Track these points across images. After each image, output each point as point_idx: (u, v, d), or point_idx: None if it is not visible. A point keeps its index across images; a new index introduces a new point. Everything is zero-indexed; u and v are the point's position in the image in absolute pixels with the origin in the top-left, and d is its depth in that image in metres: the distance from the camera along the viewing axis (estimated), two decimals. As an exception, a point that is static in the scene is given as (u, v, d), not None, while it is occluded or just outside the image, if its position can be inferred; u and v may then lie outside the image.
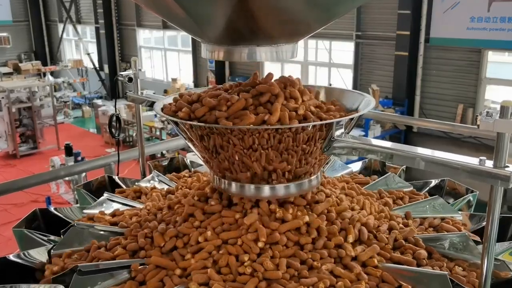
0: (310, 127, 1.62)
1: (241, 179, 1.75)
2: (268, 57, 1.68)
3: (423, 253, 1.73)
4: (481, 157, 1.42)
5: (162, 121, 13.13)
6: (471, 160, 1.45)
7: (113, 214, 2.15)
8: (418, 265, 1.69)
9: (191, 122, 1.68)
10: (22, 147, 13.32)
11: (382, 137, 9.84)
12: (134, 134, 12.74)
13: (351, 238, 1.73)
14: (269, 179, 1.72)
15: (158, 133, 13.31)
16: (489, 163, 1.41)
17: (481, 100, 9.44)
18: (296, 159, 1.68)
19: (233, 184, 1.78)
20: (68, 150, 10.13)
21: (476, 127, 1.44)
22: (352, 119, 1.75)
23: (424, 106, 10.34)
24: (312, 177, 1.83)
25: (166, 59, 17.37)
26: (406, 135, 10.40)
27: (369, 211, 1.96)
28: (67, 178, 9.34)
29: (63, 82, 18.79)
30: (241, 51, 1.69)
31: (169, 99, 1.97)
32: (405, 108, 10.26)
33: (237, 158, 1.67)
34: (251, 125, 1.60)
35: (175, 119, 1.74)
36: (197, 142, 1.77)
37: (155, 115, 13.61)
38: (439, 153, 1.52)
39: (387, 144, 1.63)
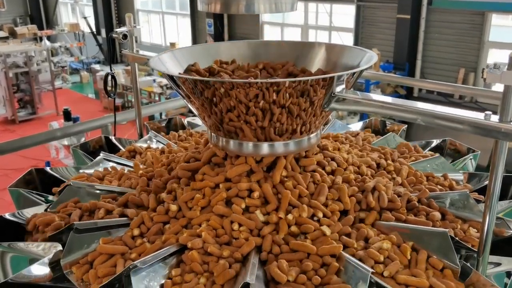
0: (309, 82, 1.57)
1: (239, 136, 1.71)
2: (266, 8, 1.61)
3: (437, 215, 1.71)
4: (486, 112, 1.38)
5: (161, 86, 13.01)
6: (476, 115, 1.40)
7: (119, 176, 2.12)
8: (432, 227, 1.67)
9: (185, 76, 1.63)
10: (21, 113, 13.25)
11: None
12: (133, 99, 12.61)
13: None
14: (268, 136, 1.68)
15: (157, 98, 13.20)
16: (494, 118, 1.37)
17: (483, 64, 9.30)
18: (296, 115, 1.63)
19: (231, 142, 1.74)
20: (67, 115, 10.06)
21: (477, 88, 1.39)
22: (353, 74, 1.69)
23: (425, 70, 10.21)
24: (312, 135, 1.79)
25: (164, 23, 17.08)
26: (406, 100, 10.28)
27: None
28: (66, 143, 9.33)
29: (60, 46, 18.50)
30: (239, 2, 1.62)
31: (164, 55, 1.91)
32: (406, 72, 10.13)
33: (235, 113, 1.62)
34: (250, 79, 1.54)
35: (170, 73, 1.69)
36: (194, 99, 1.72)
37: (154, 81, 13.49)
38: (443, 108, 1.48)
39: (388, 99, 1.58)
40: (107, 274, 1.50)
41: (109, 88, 2.48)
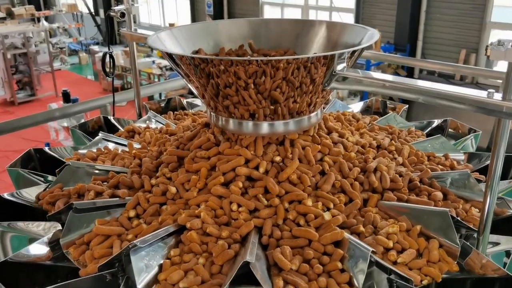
0: (310, 59, 1.55)
1: (239, 115, 1.69)
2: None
3: (439, 194, 1.70)
4: (489, 90, 1.36)
5: (160, 68, 12.93)
6: (479, 93, 1.38)
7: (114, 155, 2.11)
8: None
9: (183, 54, 1.61)
10: (20, 94, 13.19)
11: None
12: (132, 80, 12.55)
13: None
14: (268, 115, 1.67)
15: (156, 79, 13.13)
16: (497, 96, 1.35)
17: (484, 45, 9.21)
18: (296, 93, 1.61)
19: (231, 121, 1.72)
20: (66, 97, 10.02)
21: (478, 68, 1.36)
22: (354, 52, 1.67)
23: (426, 51, 10.13)
24: (312, 114, 1.77)
25: (163, 4, 16.91)
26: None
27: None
28: (65, 124, 9.31)
29: (58, 27, 18.34)
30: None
31: (163, 33, 1.89)
32: (407, 54, 10.05)
33: (233, 89, 1.60)
34: (250, 57, 1.52)
35: (168, 51, 1.66)
36: (193, 78, 1.70)
37: (153, 62, 13.40)
38: (444, 86, 1.46)
39: (389, 77, 1.56)
40: (103, 255, 1.49)
41: (107, 69, 2.45)
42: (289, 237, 1.51)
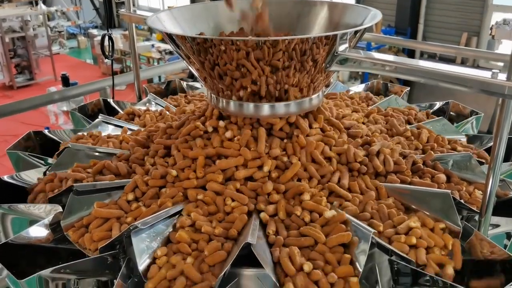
0: (311, 39, 1.53)
1: (240, 96, 1.67)
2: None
3: (442, 177, 1.69)
4: (493, 70, 1.34)
5: (160, 52, 12.85)
6: (483, 74, 1.37)
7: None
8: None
9: (183, 34, 1.59)
10: (19, 78, 13.14)
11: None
12: (131, 64, 12.49)
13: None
14: (268, 97, 1.65)
15: (155, 63, 13.06)
16: (502, 76, 1.33)
17: (486, 28, 9.13)
18: (299, 74, 1.60)
19: (231, 103, 1.71)
20: (65, 81, 9.96)
21: (481, 50, 1.34)
22: (356, 33, 1.65)
23: (427, 35, 10.04)
24: (313, 96, 1.76)
25: (162, -14, 16.74)
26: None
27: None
28: (65, 108, 9.28)
29: (56, 10, 18.15)
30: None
31: (162, 14, 1.86)
32: (408, 37, 9.97)
33: (236, 72, 1.58)
34: (250, 37, 1.50)
35: (167, 31, 1.64)
36: (193, 59, 1.68)
37: (152, 46, 13.31)
38: (448, 66, 1.44)
39: (391, 57, 1.54)
40: (102, 238, 1.48)
41: (106, 52, 2.43)
42: (296, 235, 1.45)
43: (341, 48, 1.59)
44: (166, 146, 1.81)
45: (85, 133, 2.15)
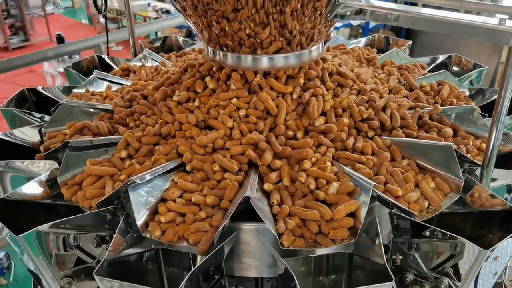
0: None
1: (237, 48, 1.62)
2: None
3: (449, 131, 1.66)
4: (501, 16, 1.29)
5: (156, 11, 12.58)
6: (490, 20, 1.31)
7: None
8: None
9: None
10: (13, 40, 12.90)
11: (384, 25, 9.46)
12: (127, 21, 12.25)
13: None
14: (266, 48, 1.60)
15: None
16: (510, 23, 1.28)
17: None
18: (297, 24, 1.54)
19: (229, 55, 1.66)
20: (60, 41, 9.77)
21: (486, 3, 1.28)
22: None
23: (430, -9, 9.82)
24: (313, 48, 1.71)
25: None
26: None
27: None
28: (61, 70, 9.16)
29: (48, -32, 17.70)
30: None
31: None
32: (409, -4, 9.76)
33: (234, 21, 1.53)
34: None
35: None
36: (190, 10, 1.62)
37: (148, 5, 13.02)
38: (453, 14, 1.39)
39: (393, 5, 1.48)
40: (95, 196, 1.45)
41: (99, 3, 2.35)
42: (301, 206, 1.37)
43: (342, -4, 1.53)
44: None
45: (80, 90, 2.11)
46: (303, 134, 1.60)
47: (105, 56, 2.52)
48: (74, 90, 2.13)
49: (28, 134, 1.87)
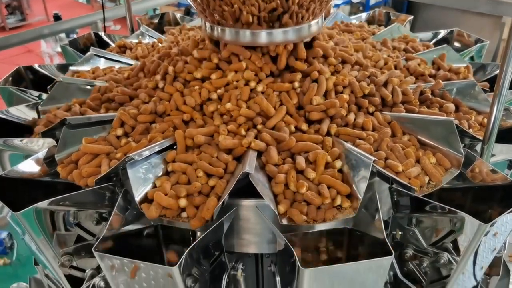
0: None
1: (236, 22, 1.60)
2: None
3: (451, 106, 1.64)
4: (504, -13, 1.27)
5: (154, -12, 12.42)
6: (493, -8, 1.29)
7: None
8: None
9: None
10: (10, 19, 12.76)
11: (384, 2, 9.33)
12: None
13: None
14: (264, 22, 1.57)
15: (150, 1, 12.65)
16: (512, -6, 1.25)
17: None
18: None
19: (227, 30, 1.63)
20: (58, 20, 9.68)
21: None
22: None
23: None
24: (313, 22, 1.68)
25: None
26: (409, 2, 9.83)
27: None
28: (59, 49, 9.09)
29: None
30: None
31: None
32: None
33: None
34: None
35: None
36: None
37: (146, -18, 12.84)
38: (456, -14, 1.36)
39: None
40: (91, 174, 1.43)
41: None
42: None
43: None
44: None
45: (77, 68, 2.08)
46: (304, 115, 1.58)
47: (102, 33, 2.49)
48: (71, 68, 2.11)
49: (25, 112, 1.86)
